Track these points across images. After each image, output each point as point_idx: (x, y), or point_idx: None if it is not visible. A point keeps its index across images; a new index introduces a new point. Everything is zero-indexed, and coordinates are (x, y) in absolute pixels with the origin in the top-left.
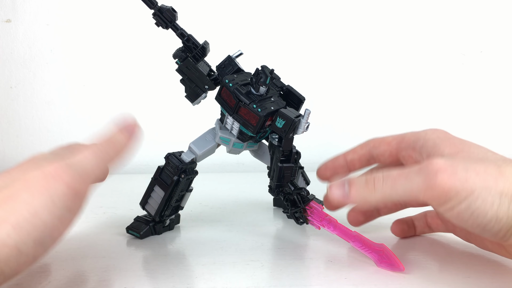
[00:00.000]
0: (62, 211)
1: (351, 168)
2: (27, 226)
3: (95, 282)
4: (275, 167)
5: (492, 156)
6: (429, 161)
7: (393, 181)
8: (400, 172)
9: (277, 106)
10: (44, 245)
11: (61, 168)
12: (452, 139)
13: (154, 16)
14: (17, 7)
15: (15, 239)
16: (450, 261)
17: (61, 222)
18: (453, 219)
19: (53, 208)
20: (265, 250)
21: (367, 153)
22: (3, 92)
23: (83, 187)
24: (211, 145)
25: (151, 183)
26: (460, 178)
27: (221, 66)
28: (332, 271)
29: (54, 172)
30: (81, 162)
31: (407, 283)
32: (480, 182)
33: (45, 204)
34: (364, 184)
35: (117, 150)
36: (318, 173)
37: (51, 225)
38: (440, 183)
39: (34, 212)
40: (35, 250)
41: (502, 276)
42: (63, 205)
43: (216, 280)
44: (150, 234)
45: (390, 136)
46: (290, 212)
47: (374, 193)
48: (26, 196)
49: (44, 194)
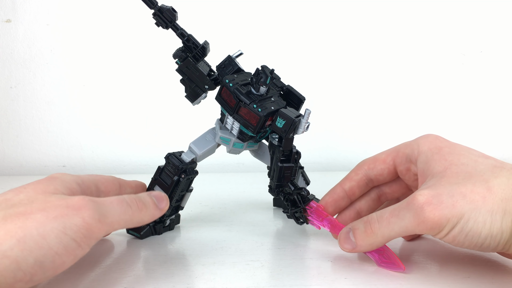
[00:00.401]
0: (70, 242)
1: (352, 197)
2: (32, 244)
3: (95, 282)
4: (275, 167)
5: (482, 163)
6: (414, 196)
7: (387, 222)
8: (391, 211)
9: (277, 106)
10: (44, 268)
11: (84, 202)
12: (443, 149)
13: (154, 16)
14: (17, 7)
15: (16, 253)
16: (450, 261)
17: (66, 252)
18: (450, 243)
19: (63, 236)
20: (265, 250)
21: (364, 177)
22: (3, 92)
23: (98, 228)
24: (211, 145)
25: (151, 184)
26: (447, 206)
27: (221, 66)
28: (332, 271)
29: (77, 204)
30: (106, 205)
31: (407, 283)
32: (467, 204)
33: (56, 230)
34: (364, 231)
35: (142, 212)
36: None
37: (56, 251)
38: (429, 216)
39: (43, 233)
40: (34, 269)
41: (502, 276)
42: (72, 236)
43: (216, 280)
44: (150, 234)
45: (382, 153)
46: (290, 212)
47: (376, 237)
48: (40, 217)
49: (58, 220)
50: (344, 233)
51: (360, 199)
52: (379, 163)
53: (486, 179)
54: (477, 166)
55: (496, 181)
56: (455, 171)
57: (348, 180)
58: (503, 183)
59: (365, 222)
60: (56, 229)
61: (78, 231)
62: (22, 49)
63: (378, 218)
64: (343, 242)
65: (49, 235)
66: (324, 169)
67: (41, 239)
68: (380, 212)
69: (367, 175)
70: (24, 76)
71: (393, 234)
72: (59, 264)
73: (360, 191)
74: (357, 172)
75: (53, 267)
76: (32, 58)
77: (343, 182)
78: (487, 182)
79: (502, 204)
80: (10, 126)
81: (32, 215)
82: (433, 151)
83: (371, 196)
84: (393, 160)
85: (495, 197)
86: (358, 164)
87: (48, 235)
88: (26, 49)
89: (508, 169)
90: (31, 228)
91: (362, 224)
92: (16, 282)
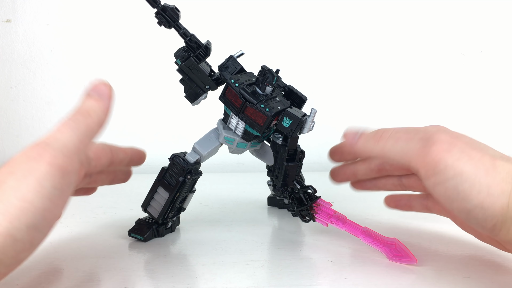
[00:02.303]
0: (50, 191)
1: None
2: (17, 212)
3: (95, 282)
4: (280, 166)
5: (491, 150)
6: (432, 134)
7: (396, 140)
8: (406, 134)
9: (283, 106)
10: (39, 229)
11: (40, 148)
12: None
13: (157, 15)
14: (17, 7)
15: (6, 226)
16: (450, 261)
17: (52, 203)
18: (441, 197)
19: (41, 189)
20: (265, 250)
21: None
22: (3, 92)
23: (68, 163)
24: (215, 145)
25: (154, 185)
26: (453, 155)
27: (224, 66)
28: (332, 271)
29: (35, 153)
30: (59, 138)
31: (407, 283)
32: (471, 166)
33: (32, 187)
34: (372, 136)
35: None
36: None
37: (42, 207)
38: (432, 153)
39: (22, 196)
40: (30, 235)
41: (502, 276)
42: (50, 185)
43: (216, 280)
44: (153, 237)
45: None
46: (296, 210)
47: (376, 145)
48: (11, 182)
49: (28, 177)
50: (352, 132)
51: (361, 163)
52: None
53: (494, 156)
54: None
55: (502, 163)
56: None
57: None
58: (507, 167)
59: (379, 130)
60: (31, 186)
61: (53, 176)
62: (22, 49)
63: (392, 133)
64: (347, 135)
65: (28, 195)
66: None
67: (24, 203)
68: (396, 129)
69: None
70: (24, 76)
71: (391, 153)
72: (51, 218)
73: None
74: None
75: (47, 223)
76: (32, 58)
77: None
78: (494, 159)
79: (501, 185)
80: (10, 126)
81: (4, 184)
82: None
83: (371, 165)
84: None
85: (497, 175)
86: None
87: (28, 196)
88: (26, 49)
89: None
90: (10, 197)
91: (374, 131)
92: (18, 254)
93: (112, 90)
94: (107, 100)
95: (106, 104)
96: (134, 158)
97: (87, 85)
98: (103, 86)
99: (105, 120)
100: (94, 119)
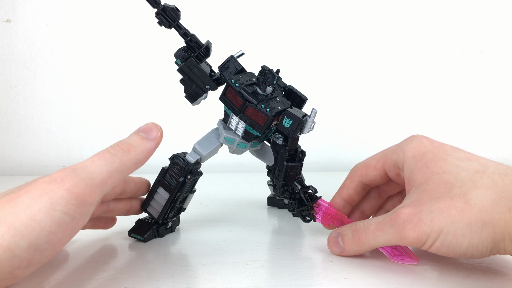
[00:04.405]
0: (61, 216)
1: (352, 203)
2: (23, 228)
3: (95, 282)
4: (281, 166)
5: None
6: (397, 213)
7: (373, 234)
8: (376, 224)
9: (283, 106)
10: (40, 250)
11: (65, 173)
12: (426, 155)
13: (157, 15)
14: (17, 7)
15: (8, 240)
16: (450, 261)
17: (61, 227)
18: (436, 253)
19: (52, 212)
20: (265, 250)
21: (359, 183)
22: (3, 92)
23: (88, 193)
24: (215, 146)
25: (154, 185)
26: (425, 222)
27: (224, 66)
28: (332, 271)
29: (59, 177)
30: (88, 167)
31: (407, 283)
32: (445, 219)
33: (43, 208)
34: (352, 238)
35: (130, 154)
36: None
37: (48, 230)
38: (409, 233)
39: (31, 215)
40: (30, 254)
41: (502, 276)
42: (62, 210)
43: (216, 280)
44: (153, 237)
45: (372, 159)
46: (297, 211)
47: (362, 245)
48: (26, 199)
49: (43, 198)
50: (333, 237)
51: (362, 201)
52: (370, 169)
53: (464, 191)
54: (459, 174)
55: (475, 193)
56: (436, 182)
57: (345, 188)
58: (481, 194)
59: (353, 231)
60: (43, 207)
61: (67, 203)
62: (22, 49)
63: (365, 229)
64: (332, 246)
65: (37, 215)
66: (324, 169)
67: (31, 221)
68: (367, 222)
69: (361, 181)
70: (24, 76)
71: (379, 245)
72: (56, 242)
73: (358, 196)
74: (351, 179)
75: (50, 247)
76: (32, 58)
77: (340, 192)
78: (465, 195)
79: (481, 216)
80: (10, 126)
81: (19, 198)
82: (416, 159)
83: (371, 195)
84: (383, 166)
85: (473, 209)
86: (351, 171)
87: (37, 215)
88: (26, 49)
89: (490, 174)
90: (19, 213)
91: (350, 232)
92: (14, 270)
93: (162, 135)
94: (152, 142)
95: (150, 146)
96: (142, 188)
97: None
98: (154, 128)
99: (143, 161)
100: (131, 156)
